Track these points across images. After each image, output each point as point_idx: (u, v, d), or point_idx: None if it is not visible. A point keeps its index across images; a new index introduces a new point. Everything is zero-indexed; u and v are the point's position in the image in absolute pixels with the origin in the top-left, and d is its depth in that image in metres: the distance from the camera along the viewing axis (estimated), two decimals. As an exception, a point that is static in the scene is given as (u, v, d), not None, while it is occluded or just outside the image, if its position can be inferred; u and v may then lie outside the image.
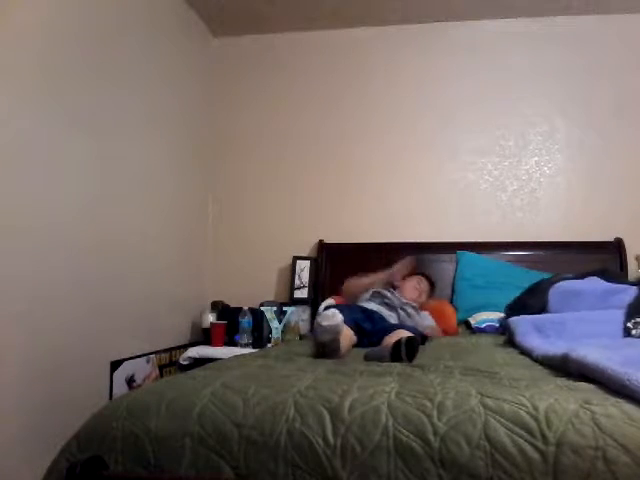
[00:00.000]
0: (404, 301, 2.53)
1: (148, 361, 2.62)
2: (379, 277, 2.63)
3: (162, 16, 2.84)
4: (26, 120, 1.85)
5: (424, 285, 2.72)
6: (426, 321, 2.53)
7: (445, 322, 2.66)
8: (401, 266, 2.67)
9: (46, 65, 1.95)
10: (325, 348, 1.70)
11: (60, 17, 2.03)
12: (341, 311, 2.23)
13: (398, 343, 1.63)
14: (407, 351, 1.61)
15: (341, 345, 1.74)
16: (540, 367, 1.46)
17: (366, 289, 2.60)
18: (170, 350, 2.84)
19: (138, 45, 2.58)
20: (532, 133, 3.19)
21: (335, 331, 1.69)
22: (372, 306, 2.43)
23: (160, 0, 2.82)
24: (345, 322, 2.12)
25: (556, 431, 0.93)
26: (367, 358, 1.69)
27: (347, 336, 1.92)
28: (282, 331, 2.79)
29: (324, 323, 1.70)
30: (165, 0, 2.88)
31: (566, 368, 1.31)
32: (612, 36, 3.14)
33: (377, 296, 2.52)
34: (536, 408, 0.98)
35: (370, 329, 2.17)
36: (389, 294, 2.53)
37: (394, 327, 2.12)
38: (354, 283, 2.67)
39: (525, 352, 1.75)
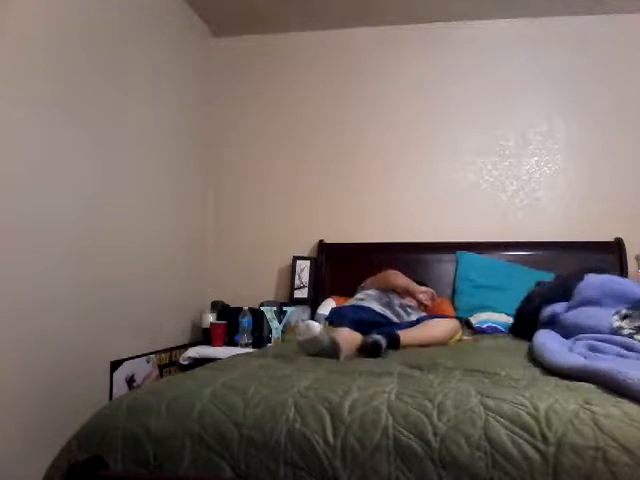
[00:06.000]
0: (404, 302, 2.52)
1: (148, 361, 2.62)
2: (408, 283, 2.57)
3: (162, 16, 2.84)
4: (26, 119, 1.85)
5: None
6: None
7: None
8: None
9: (46, 65, 1.95)
10: (324, 356, 1.65)
11: (60, 17, 2.03)
12: (342, 312, 2.21)
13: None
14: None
15: (341, 348, 1.69)
16: (540, 367, 1.46)
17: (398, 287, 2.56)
18: (170, 350, 2.84)
19: (138, 45, 2.58)
20: (532, 133, 3.19)
21: (315, 342, 1.64)
22: (375, 306, 2.41)
23: (160, 0, 2.83)
24: (346, 324, 2.12)
25: (556, 431, 0.93)
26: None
27: (348, 339, 1.90)
28: (282, 331, 2.79)
29: (300, 339, 1.65)
30: (165, 0, 2.88)
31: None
32: (612, 36, 3.14)
33: (378, 297, 2.50)
34: (536, 408, 0.98)
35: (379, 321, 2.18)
36: (390, 295, 2.52)
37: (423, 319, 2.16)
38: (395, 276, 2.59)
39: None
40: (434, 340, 2.04)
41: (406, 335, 1.97)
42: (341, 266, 3.11)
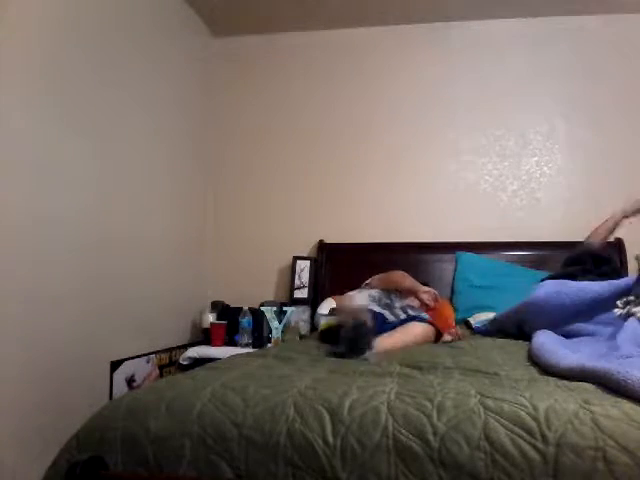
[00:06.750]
0: (405, 304, 2.51)
1: (148, 361, 2.62)
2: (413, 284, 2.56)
3: (162, 16, 2.84)
4: (26, 119, 1.85)
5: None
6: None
7: (444, 322, 2.65)
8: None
9: (46, 65, 1.95)
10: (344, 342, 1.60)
11: (59, 17, 2.03)
12: None
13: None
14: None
15: (374, 345, 1.68)
16: (539, 367, 1.46)
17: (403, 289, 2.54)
18: (170, 350, 2.84)
19: (138, 45, 2.58)
20: (532, 133, 3.19)
21: (353, 313, 1.56)
22: (374, 308, 2.41)
23: (160, 0, 2.82)
24: None
25: (556, 431, 0.93)
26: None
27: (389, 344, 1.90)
28: (282, 331, 2.79)
29: (338, 304, 1.52)
30: (165, 0, 2.88)
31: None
32: (612, 36, 3.14)
33: (378, 299, 2.49)
34: (536, 408, 0.98)
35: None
36: (392, 296, 2.52)
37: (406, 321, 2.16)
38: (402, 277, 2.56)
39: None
40: (411, 342, 2.05)
41: (386, 340, 1.99)
42: (341, 266, 3.11)
